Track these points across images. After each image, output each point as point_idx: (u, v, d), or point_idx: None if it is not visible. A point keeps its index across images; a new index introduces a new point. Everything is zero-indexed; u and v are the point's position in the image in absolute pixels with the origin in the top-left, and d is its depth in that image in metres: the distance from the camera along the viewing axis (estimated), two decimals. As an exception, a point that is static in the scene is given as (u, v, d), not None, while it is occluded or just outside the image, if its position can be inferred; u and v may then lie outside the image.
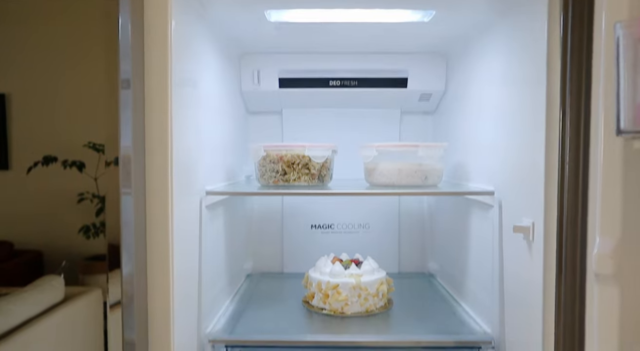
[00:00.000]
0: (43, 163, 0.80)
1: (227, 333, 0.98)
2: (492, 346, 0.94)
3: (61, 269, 0.83)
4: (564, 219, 0.63)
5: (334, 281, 1.08)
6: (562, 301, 0.64)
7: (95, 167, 0.78)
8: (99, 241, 0.78)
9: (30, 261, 0.83)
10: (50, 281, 0.85)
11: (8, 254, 0.83)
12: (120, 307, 0.75)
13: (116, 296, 0.74)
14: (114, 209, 0.74)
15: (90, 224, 0.79)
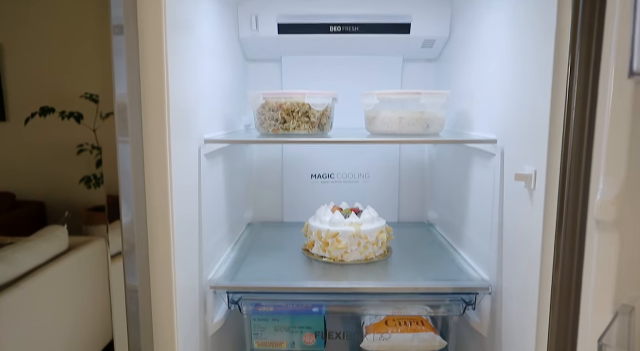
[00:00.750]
0: (41, 115, 0.79)
1: (228, 280, 1.00)
2: (489, 293, 0.96)
3: (64, 220, 0.83)
4: (568, 167, 0.62)
5: (334, 230, 1.08)
6: (562, 249, 0.64)
7: (94, 119, 0.77)
8: (101, 192, 0.78)
9: (33, 212, 0.83)
10: (54, 232, 0.86)
11: (10, 205, 0.83)
12: (121, 257, 0.75)
13: (117, 247, 0.74)
14: (111, 160, 0.74)
15: (91, 175, 0.79)
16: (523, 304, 0.81)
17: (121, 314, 0.75)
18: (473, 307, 0.98)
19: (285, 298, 0.99)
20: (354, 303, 0.98)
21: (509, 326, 0.88)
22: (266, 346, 1.02)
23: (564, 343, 0.66)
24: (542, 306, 0.73)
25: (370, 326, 1.02)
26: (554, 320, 0.68)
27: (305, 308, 0.99)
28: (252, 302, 0.98)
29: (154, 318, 0.81)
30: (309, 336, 1.01)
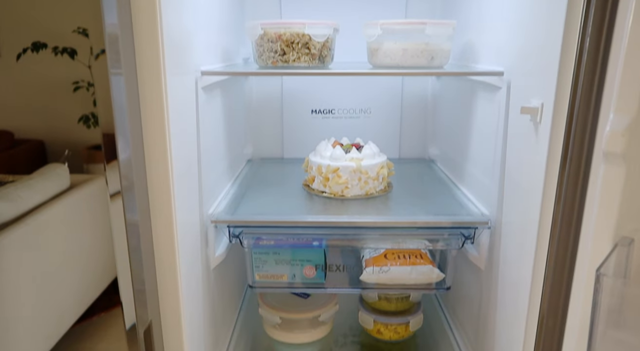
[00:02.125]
0: (32, 50, 0.76)
1: (229, 214, 1.00)
2: (488, 227, 0.97)
3: (65, 158, 0.82)
4: (577, 98, 0.60)
5: (335, 165, 1.07)
6: (565, 182, 0.64)
7: (88, 54, 0.73)
8: (99, 131, 0.76)
9: (33, 150, 0.82)
10: (55, 170, 0.85)
11: (9, 143, 0.82)
12: (120, 196, 0.74)
13: (116, 186, 0.73)
14: (105, 95, 0.71)
15: (89, 114, 0.77)
16: (522, 238, 0.81)
17: (123, 249, 0.75)
18: (472, 241, 0.99)
19: (286, 231, 1.00)
20: (354, 236, 0.99)
21: (506, 260, 0.90)
22: (267, 279, 1.04)
23: (560, 274, 0.67)
24: (540, 240, 0.74)
25: (369, 259, 1.04)
26: (552, 252, 0.69)
27: (305, 241, 1.00)
28: (252, 236, 0.99)
29: (156, 252, 0.81)
30: (309, 268, 1.02)
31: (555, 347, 0.71)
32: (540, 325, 0.74)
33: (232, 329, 1.23)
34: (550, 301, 0.69)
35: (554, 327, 0.71)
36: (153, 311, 0.82)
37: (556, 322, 0.69)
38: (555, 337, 0.71)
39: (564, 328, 0.69)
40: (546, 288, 0.70)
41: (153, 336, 0.81)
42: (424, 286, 1.04)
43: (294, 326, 1.14)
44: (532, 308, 0.77)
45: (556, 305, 0.69)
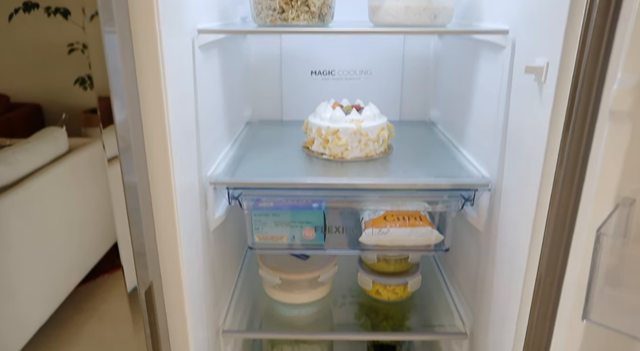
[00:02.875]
0: (24, 10, 0.73)
1: (228, 176, 1.00)
2: (488, 189, 0.97)
3: (62, 121, 0.81)
4: (585, 56, 0.59)
5: (334, 127, 1.06)
6: (568, 142, 0.63)
7: (82, 15, 0.71)
8: (95, 93, 0.75)
9: (29, 114, 0.81)
10: (53, 133, 0.84)
11: (5, 107, 0.81)
12: (118, 159, 0.73)
13: (113, 150, 0.72)
14: (99, 55, 0.69)
15: (85, 76, 0.75)
16: (521, 200, 0.81)
17: (122, 211, 0.75)
18: (471, 203, 0.99)
19: (285, 193, 1.00)
20: (353, 198, 0.99)
21: (505, 222, 0.90)
22: (267, 240, 1.04)
23: (559, 235, 0.67)
24: (540, 202, 0.73)
25: (368, 221, 1.04)
26: (552, 214, 0.69)
27: (304, 203, 1.00)
28: (252, 198, 0.99)
29: (155, 214, 0.81)
30: (308, 230, 1.03)
31: (551, 306, 0.72)
32: (537, 285, 0.75)
33: (233, 290, 1.25)
34: (548, 262, 0.70)
35: (551, 287, 0.71)
36: (154, 273, 0.82)
37: (553, 282, 0.70)
38: (552, 297, 0.72)
39: (561, 288, 0.70)
40: (544, 249, 0.70)
41: (154, 296, 0.82)
42: (422, 247, 1.05)
43: (294, 286, 1.15)
44: (529, 269, 0.77)
45: (554, 265, 0.69)
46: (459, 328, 1.13)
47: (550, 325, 0.74)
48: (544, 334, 0.75)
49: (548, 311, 0.72)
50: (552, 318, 0.72)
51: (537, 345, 0.76)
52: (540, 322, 0.75)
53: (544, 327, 0.75)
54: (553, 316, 0.72)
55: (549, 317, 0.73)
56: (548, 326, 0.74)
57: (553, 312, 0.72)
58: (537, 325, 0.75)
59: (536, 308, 0.74)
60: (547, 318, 0.73)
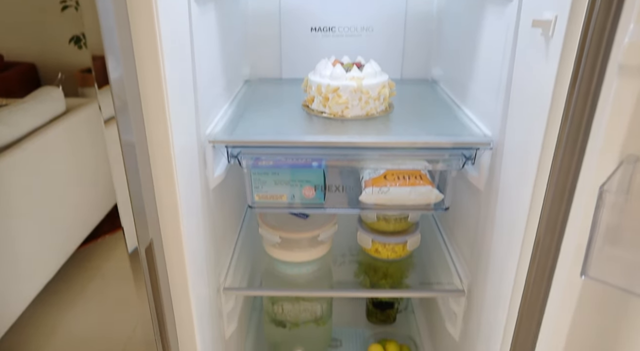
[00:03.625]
0: None
1: (227, 135, 0.99)
2: (490, 148, 0.96)
3: (58, 81, 0.79)
4: (596, 8, 0.56)
5: (335, 84, 1.04)
6: (574, 99, 0.61)
7: None
8: (89, 52, 0.72)
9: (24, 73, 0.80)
10: (50, 93, 0.82)
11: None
12: (115, 118, 0.72)
13: (109, 110, 0.71)
14: (92, 13, 0.66)
15: (80, 34, 0.73)
16: (524, 158, 0.80)
17: (120, 171, 0.74)
18: (472, 162, 0.98)
19: (285, 152, 0.99)
20: (353, 157, 0.98)
21: (506, 180, 0.89)
22: (266, 199, 1.04)
23: (561, 193, 0.66)
24: (542, 160, 0.73)
25: (368, 180, 1.04)
26: (554, 172, 0.68)
27: (304, 162, 0.99)
28: (251, 156, 0.98)
29: (154, 173, 0.81)
30: (308, 189, 1.03)
31: (550, 264, 0.72)
32: (536, 244, 0.75)
33: (233, 248, 1.26)
34: (548, 221, 0.70)
35: (550, 245, 0.71)
36: (153, 231, 0.82)
37: (553, 241, 0.70)
38: (550, 255, 0.72)
39: (560, 246, 0.70)
40: (545, 208, 0.70)
41: (154, 254, 0.83)
42: (422, 206, 1.05)
43: (294, 245, 1.16)
44: (529, 228, 0.77)
45: (554, 223, 0.69)
46: (456, 285, 1.14)
47: (548, 283, 0.75)
48: (541, 291, 0.76)
49: (546, 269, 0.73)
50: (549, 276, 0.73)
51: (533, 302, 0.77)
52: (538, 280, 0.76)
53: (541, 285, 0.76)
54: (551, 274, 0.73)
55: (546, 275, 0.73)
56: (545, 284, 0.75)
57: (551, 270, 0.72)
58: (534, 282, 0.76)
59: (534, 266, 0.75)
60: (544, 276, 0.74)
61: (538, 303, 0.77)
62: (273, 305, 1.33)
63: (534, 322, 0.80)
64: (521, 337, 0.83)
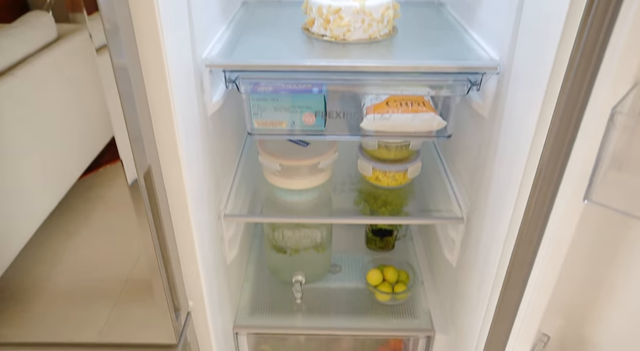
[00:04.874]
0: None
1: (224, 58, 0.95)
2: (496, 73, 0.92)
3: (48, 5, 0.75)
4: None
5: (336, 5, 0.99)
6: (589, 21, 0.58)
7: None
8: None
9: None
10: (39, 18, 0.78)
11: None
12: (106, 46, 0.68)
13: (100, 37, 0.67)
14: None
15: None
16: (531, 83, 0.77)
17: (114, 95, 0.71)
18: (477, 88, 0.95)
19: (284, 76, 0.95)
20: (355, 82, 0.95)
21: (512, 107, 0.87)
22: (266, 126, 1.02)
23: (570, 114, 0.64)
24: (552, 82, 0.70)
25: (370, 106, 1.01)
26: (563, 96, 0.66)
27: (304, 87, 0.96)
28: (249, 81, 0.95)
29: (149, 99, 0.78)
30: (308, 115, 1.00)
31: (551, 190, 0.72)
32: (539, 171, 0.74)
33: (233, 176, 1.26)
34: (553, 146, 0.68)
35: (553, 171, 0.71)
36: (151, 157, 0.81)
37: (556, 166, 0.69)
38: (553, 181, 0.72)
39: (564, 172, 0.69)
40: (551, 132, 0.68)
41: (154, 180, 0.82)
42: (424, 134, 1.03)
43: (294, 173, 1.16)
44: (532, 154, 0.76)
45: (559, 149, 0.68)
46: (456, 213, 1.15)
47: (548, 209, 0.75)
48: (540, 218, 0.76)
49: (547, 195, 0.72)
50: (550, 202, 0.73)
51: (533, 227, 0.77)
52: (538, 206, 0.76)
53: (540, 211, 0.76)
54: (552, 200, 0.72)
55: (547, 201, 0.73)
56: (545, 210, 0.75)
57: (552, 196, 0.72)
58: (534, 209, 0.76)
59: (535, 192, 0.74)
60: (545, 202, 0.74)
61: (537, 229, 0.77)
62: (274, 232, 1.35)
63: (531, 248, 0.81)
64: (517, 263, 0.85)
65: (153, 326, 0.96)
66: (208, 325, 1.07)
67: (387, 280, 1.39)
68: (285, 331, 1.33)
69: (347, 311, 1.36)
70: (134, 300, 0.93)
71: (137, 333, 0.98)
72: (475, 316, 1.04)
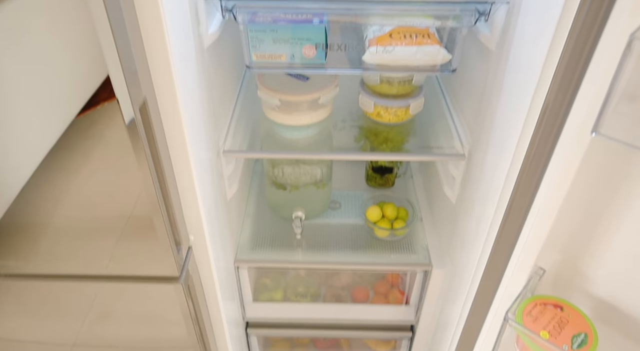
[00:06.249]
0: None
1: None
2: (506, 2, 0.88)
3: None
4: None
5: None
6: None
7: None
8: None
9: None
10: None
11: None
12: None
13: None
14: None
15: None
16: (542, 13, 0.74)
17: (105, 24, 0.68)
18: (486, 18, 0.91)
19: (284, 5, 0.91)
20: (357, 12, 0.91)
21: (521, 39, 0.83)
22: (264, 59, 0.99)
23: (584, 42, 0.61)
24: (565, 13, 0.66)
25: (373, 38, 0.97)
26: (580, 17, 0.62)
27: (304, 18, 0.91)
28: (247, 10, 0.90)
29: (142, 29, 0.75)
30: (308, 48, 0.96)
31: (558, 124, 0.70)
32: (545, 105, 0.72)
33: (232, 112, 1.23)
34: (564, 76, 0.66)
35: (560, 105, 0.69)
36: (147, 89, 0.79)
37: (564, 98, 0.67)
38: (559, 115, 0.70)
39: (572, 105, 0.67)
40: (562, 62, 0.65)
41: (150, 114, 0.80)
42: (428, 67, 1.00)
43: (293, 108, 1.13)
44: (540, 87, 0.74)
45: (569, 82, 0.66)
46: (457, 150, 1.14)
47: (553, 143, 0.73)
48: (545, 151, 0.75)
49: (553, 128, 0.71)
50: (556, 135, 0.71)
51: (536, 162, 0.76)
52: (543, 140, 0.74)
53: (546, 145, 0.74)
54: (557, 134, 0.71)
55: (552, 135, 0.72)
56: (550, 144, 0.74)
57: (558, 129, 0.70)
58: (539, 142, 0.75)
59: (541, 125, 0.73)
60: (550, 136, 0.72)
61: (541, 162, 0.76)
62: (273, 169, 1.34)
63: (533, 184, 0.81)
64: (518, 198, 0.85)
65: (156, 260, 0.98)
66: (209, 259, 1.08)
67: (387, 217, 1.40)
68: (285, 265, 1.36)
69: (347, 247, 1.38)
70: (137, 236, 0.94)
71: (142, 266, 1.00)
72: (473, 251, 1.06)
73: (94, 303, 1.09)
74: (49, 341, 1.19)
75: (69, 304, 1.09)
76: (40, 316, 1.13)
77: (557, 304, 0.95)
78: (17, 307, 1.10)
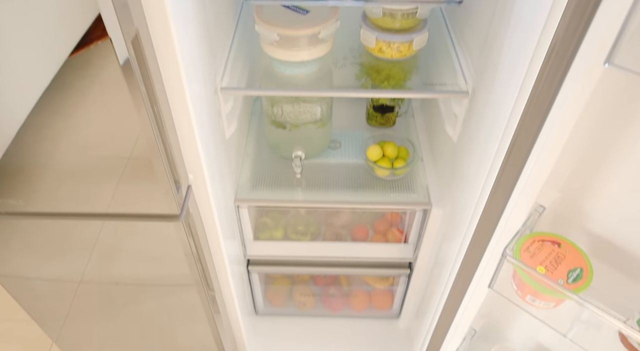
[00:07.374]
0: None
1: None
2: None
3: None
4: None
5: None
6: None
7: None
8: None
9: None
10: None
11: None
12: None
13: None
14: None
15: None
16: None
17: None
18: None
19: None
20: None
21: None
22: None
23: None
24: None
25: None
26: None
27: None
28: None
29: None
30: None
31: (568, 56, 0.68)
32: (555, 37, 0.69)
33: (229, 47, 1.19)
34: (576, 7, 0.62)
35: (573, 35, 0.66)
36: (139, 22, 0.75)
37: (577, 29, 0.64)
38: (570, 47, 0.67)
39: (584, 36, 0.64)
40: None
41: (143, 49, 0.77)
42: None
43: (293, 43, 1.09)
44: (551, 19, 0.70)
45: (583, 10, 0.62)
46: (460, 87, 1.11)
47: (561, 77, 0.71)
48: (552, 86, 0.73)
49: (563, 61, 0.68)
50: (565, 68, 0.69)
51: (543, 97, 0.74)
52: (551, 74, 0.72)
53: (554, 79, 0.72)
54: (566, 68, 0.68)
55: (562, 68, 0.69)
56: (558, 78, 0.71)
57: (568, 63, 0.68)
58: (547, 77, 0.72)
59: (550, 59, 0.70)
60: (559, 70, 0.70)
61: (546, 100, 0.74)
62: (272, 107, 1.32)
63: (537, 121, 0.79)
64: (521, 135, 0.83)
65: (157, 199, 0.98)
66: (209, 197, 1.09)
67: (387, 156, 1.40)
68: (285, 204, 1.37)
69: (346, 186, 1.38)
70: (138, 175, 0.94)
71: (143, 204, 1.00)
72: (473, 190, 1.05)
73: (97, 242, 1.11)
74: (56, 278, 1.22)
75: (73, 242, 1.11)
76: (45, 254, 1.14)
77: (555, 240, 0.96)
78: (22, 245, 1.11)
